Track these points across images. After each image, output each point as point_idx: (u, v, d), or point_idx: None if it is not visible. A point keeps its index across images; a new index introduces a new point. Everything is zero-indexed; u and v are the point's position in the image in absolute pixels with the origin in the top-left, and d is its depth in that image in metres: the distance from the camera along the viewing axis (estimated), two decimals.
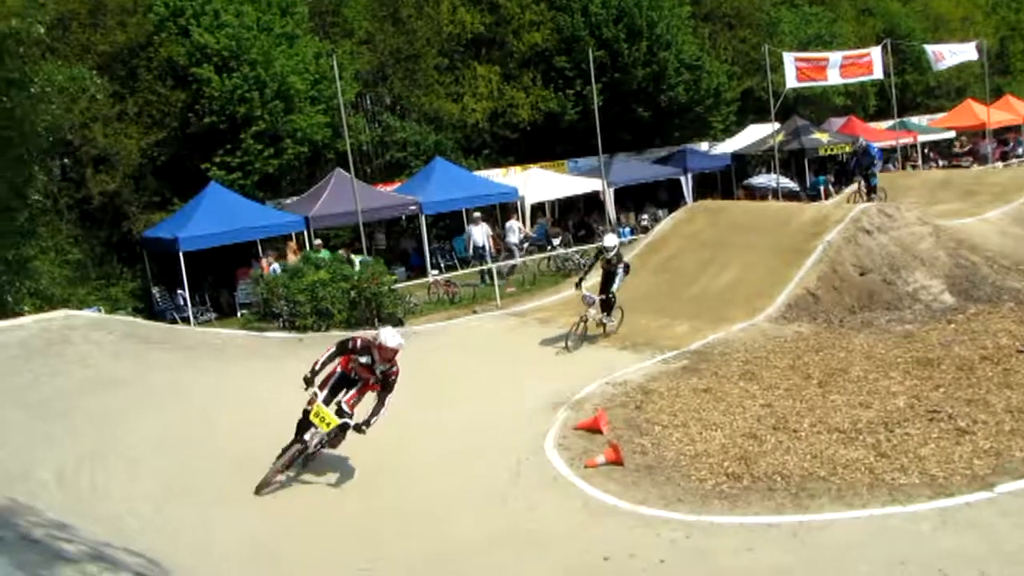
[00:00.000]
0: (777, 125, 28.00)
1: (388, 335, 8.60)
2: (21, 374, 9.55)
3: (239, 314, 19.44)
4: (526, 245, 23.23)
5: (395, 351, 8.53)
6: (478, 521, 7.87)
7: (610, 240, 13.94)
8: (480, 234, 22.24)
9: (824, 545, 6.88)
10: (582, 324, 13.43)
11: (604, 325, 13.72)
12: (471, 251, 22.24)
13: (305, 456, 8.54)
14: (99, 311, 15.76)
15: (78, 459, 7.90)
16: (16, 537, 4.93)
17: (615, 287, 13.60)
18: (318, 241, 20.24)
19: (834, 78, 27.77)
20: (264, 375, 11.77)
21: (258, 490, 8.09)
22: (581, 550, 7.17)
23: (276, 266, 18.74)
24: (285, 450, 8.35)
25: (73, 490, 7.29)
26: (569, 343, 13.25)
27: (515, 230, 23.06)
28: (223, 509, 7.80)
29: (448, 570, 6.89)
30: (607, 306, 13.67)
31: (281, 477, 8.35)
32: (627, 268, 13.87)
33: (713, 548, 7.02)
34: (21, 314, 12.58)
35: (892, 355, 11.25)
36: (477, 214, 22.83)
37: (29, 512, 5.86)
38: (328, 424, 8.34)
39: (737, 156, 30.21)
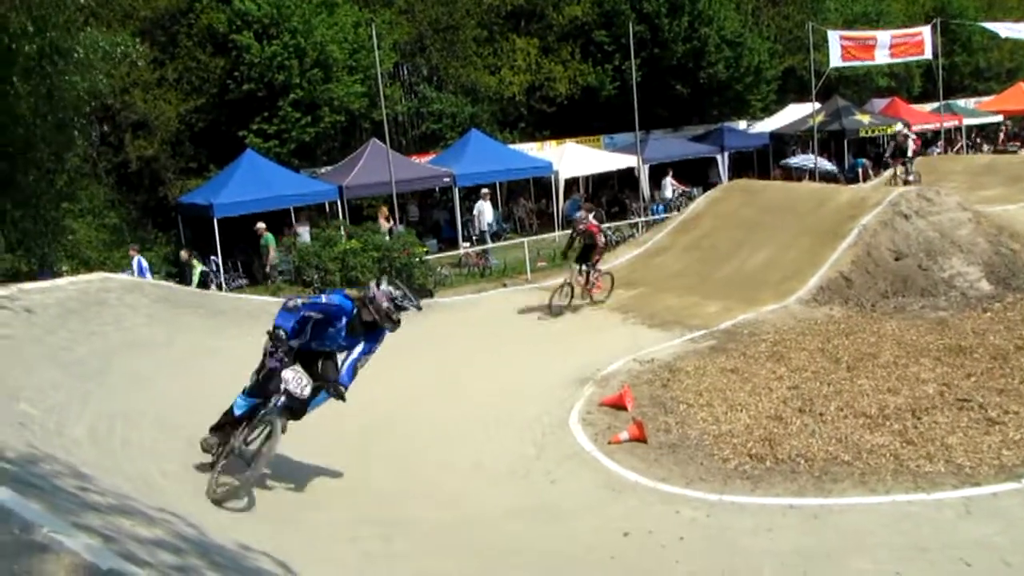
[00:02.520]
0: (818, 105, 27.48)
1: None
2: (58, 334, 9.74)
3: (269, 281, 19.66)
4: (682, 198, 24.79)
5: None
6: (500, 493, 7.93)
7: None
8: (489, 211, 22.31)
9: (844, 529, 6.84)
10: None
11: None
12: (481, 228, 22.39)
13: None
14: (134, 274, 16.03)
15: (110, 418, 8.06)
16: (51, 487, 5.05)
17: None
18: (261, 225, 19.42)
19: (882, 58, 27.08)
20: None
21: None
22: (601, 525, 7.19)
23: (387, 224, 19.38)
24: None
25: (105, 447, 7.43)
26: None
27: (668, 186, 25.71)
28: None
29: (467, 539, 6.95)
30: None
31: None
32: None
33: (733, 527, 7.01)
34: (59, 275, 12.84)
35: (924, 341, 11.09)
36: (485, 191, 22.85)
37: (64, 466, 5.99)
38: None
39: (775, 136, 29.75)
